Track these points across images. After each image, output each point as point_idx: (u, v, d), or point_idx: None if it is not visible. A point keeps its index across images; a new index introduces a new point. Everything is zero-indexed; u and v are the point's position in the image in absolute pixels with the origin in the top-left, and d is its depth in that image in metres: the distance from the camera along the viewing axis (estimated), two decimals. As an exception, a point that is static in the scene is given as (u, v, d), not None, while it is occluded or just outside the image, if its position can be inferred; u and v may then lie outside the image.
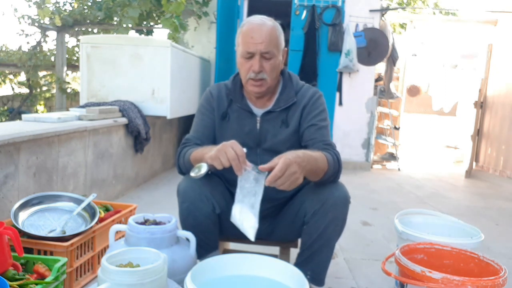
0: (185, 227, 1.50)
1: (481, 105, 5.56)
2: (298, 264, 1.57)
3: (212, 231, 1.52)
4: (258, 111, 1.61)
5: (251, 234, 1.27)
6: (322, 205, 1.45)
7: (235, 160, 1.25)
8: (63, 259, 1.47)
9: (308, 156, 1.30)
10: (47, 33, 8.36)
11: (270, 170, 1.21)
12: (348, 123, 5.42)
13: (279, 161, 1.20)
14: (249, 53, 1.48)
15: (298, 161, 1.23)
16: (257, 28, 1.47)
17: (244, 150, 1.28)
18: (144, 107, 3.70)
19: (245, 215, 1.26)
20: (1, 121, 8.39)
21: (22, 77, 9.79)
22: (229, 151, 1.25)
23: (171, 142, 4.74)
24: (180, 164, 1.58)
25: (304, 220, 1.52)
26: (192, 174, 1.33)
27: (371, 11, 5.24)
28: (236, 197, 1.29)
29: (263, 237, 1.69)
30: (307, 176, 1.32)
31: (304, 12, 5.14)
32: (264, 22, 1.49)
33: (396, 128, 6.13)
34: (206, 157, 1.33)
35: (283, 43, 1.55)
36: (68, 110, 3.51)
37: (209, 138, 1.61)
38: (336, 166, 1.45)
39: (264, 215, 1.64)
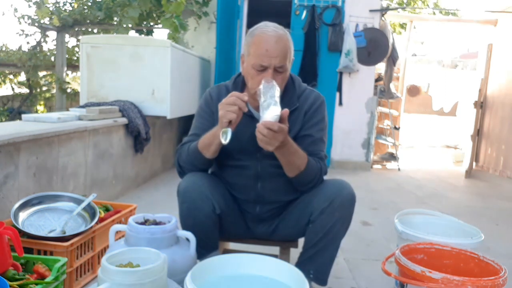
0: (185, 227, 1.50)
1: (481, 105, 5.56)
2: (300, 262, 1.56)
3: (212, 231, 1.52)
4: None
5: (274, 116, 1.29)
6: (330, 204, 1.46)
7: (237, 100, 1.34)
8: (63, 259, 1.47)
9: (294, 146, 1.42)
10: (47, 33, 8.37)
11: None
12: (348, 123, 5.41)
13: (281, 126, 1.28)
14: (262, 66, 1.43)
15: (285, 140, 1.33)
16: (272, 40, 1.42)
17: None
18: (144, 107, 3.70)
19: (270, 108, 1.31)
20: (1, 121, 8.39)
21: (22, 77, 9.80)
22: (228, 101, 1.35)
23: (171, 142, 4.73)
24: (183, 160, 1.56)
25: (310, 219, 1.52)
26: (224, 141, 1.32)
27: (371, 11, 5.23)
28: (261, 108, 1.35)
29: (265, 237, 1.69)
30: (279, 157, 1.42)
31: (304, 12, 5.13)
32: (278, 33, 1.45)
33: (396, 128, 6.13)
34: (217, 129, 1.38)
35: (293, 54, 1.52)
36: (68, 110, 3.51)
37: None
38: (317, 174, 1.52)
39: (265, 217, 1.64)
